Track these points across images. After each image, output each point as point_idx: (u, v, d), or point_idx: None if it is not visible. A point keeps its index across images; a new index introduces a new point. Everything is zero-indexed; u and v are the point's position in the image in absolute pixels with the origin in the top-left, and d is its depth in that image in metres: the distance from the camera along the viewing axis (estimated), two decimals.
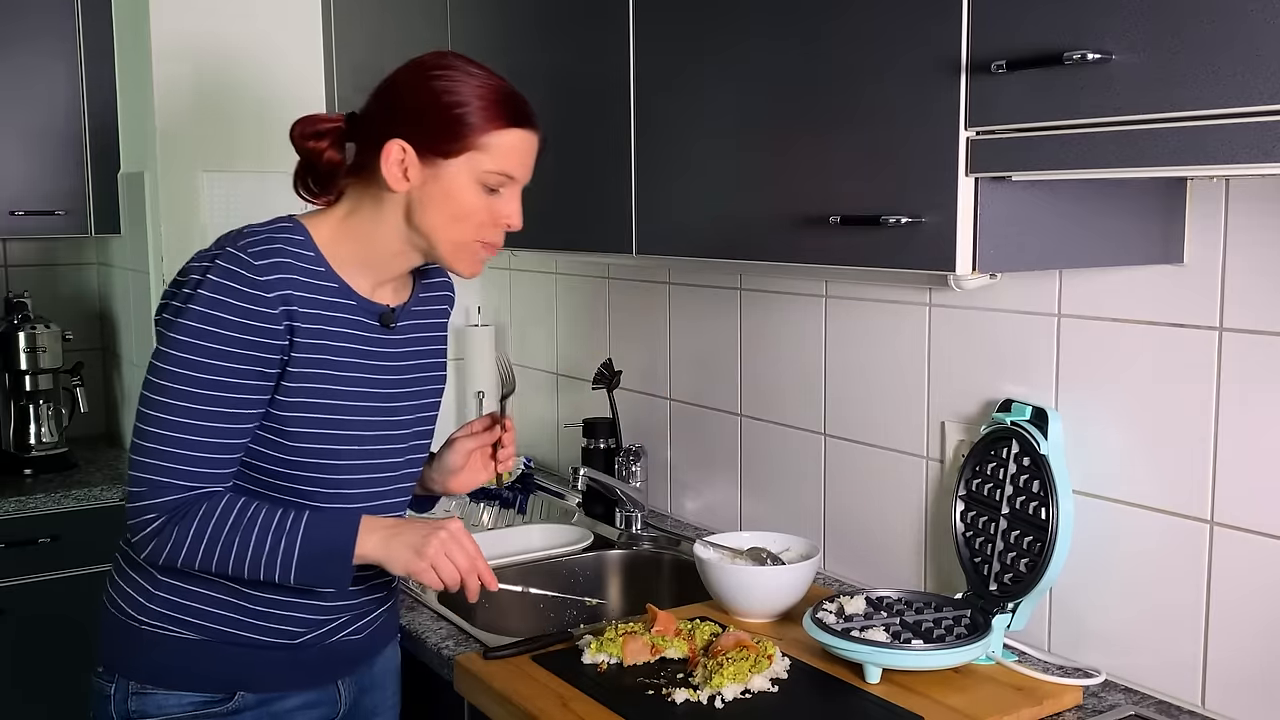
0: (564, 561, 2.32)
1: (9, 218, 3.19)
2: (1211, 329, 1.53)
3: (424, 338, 1.70)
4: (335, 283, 1.55)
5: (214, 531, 1.47)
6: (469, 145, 1.49)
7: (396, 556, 1.50)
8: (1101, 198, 1.46)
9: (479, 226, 1.53)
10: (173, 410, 1.46)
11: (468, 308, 3.17)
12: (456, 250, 1.55)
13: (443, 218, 1.52)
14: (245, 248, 1.47)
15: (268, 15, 2.97)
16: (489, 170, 1.51)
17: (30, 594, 2.93)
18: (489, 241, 1.56)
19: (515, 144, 1.52)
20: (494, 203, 1.53)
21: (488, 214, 1.53)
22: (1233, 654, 1.54)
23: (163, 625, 1.57)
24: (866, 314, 2.03)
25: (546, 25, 2.14)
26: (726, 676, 1.57)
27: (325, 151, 1.57)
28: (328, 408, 1.54)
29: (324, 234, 1.56)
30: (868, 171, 1.48)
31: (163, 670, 1.57)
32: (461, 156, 1.50)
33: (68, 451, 3.30)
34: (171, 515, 1.48)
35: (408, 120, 1.51)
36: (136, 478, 1.48)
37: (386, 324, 1.61)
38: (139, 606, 1.58)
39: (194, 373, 1.45)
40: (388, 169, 1.50)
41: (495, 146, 1.50)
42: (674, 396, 2.53)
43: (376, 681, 1.75)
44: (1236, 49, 1.07)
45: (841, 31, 1.50)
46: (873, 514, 2.06)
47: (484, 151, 1.50)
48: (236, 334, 1.45)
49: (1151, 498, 1.61)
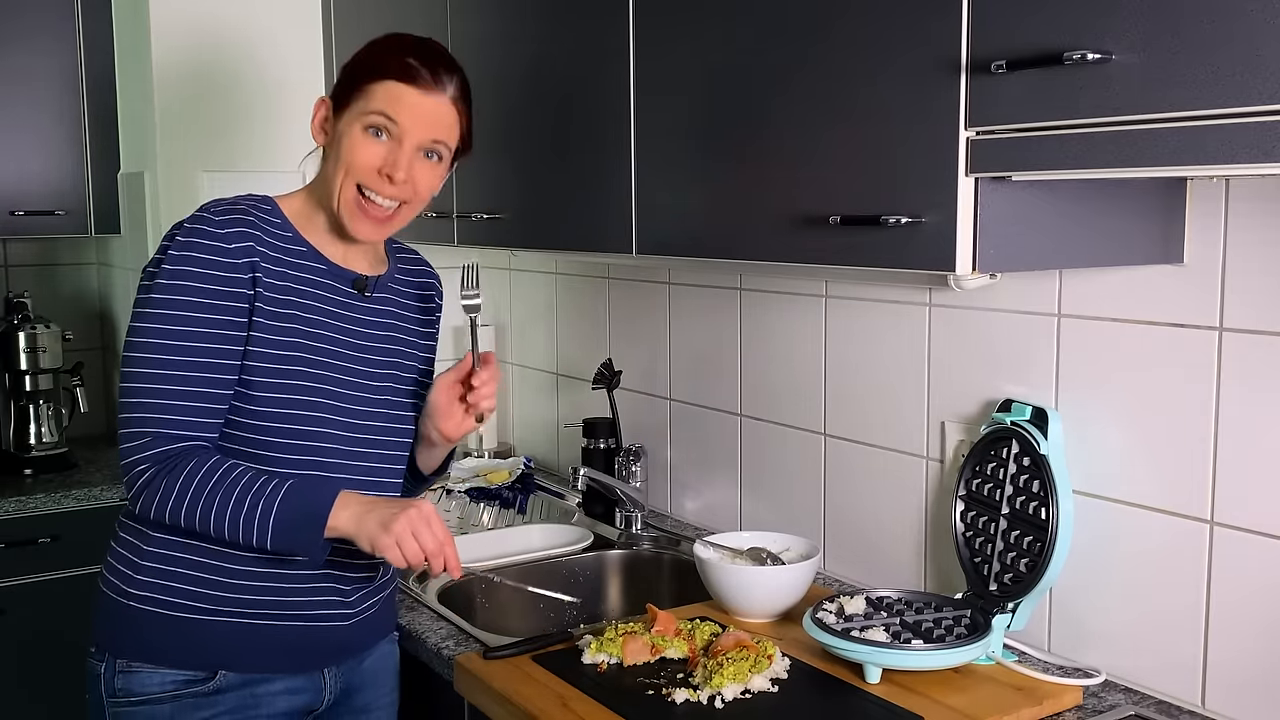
0: (564, 561, 2.32)
1: (9, 218, 3.18)
2: (1211, 329, 1.53)
3: (402, 314, 1.75)
4: (303, 246, 1.63)
5: (198, 486, 1.50)
6: (357, 94, 1.59)
7: (364, 531, 1.51)
8: (1101, 198, 1.46)
9: (362, 173, 1.58)
10: (152, 364, 1.52)
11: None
12: (346, 205, 1.60)
13: (334, 166, 1.60)
14: (209, 208, 1.58)
15: (268, 15, 2.97)
16: (369, 110, 1.57)
17: (30, 594, 2.93)
18: (369, 189, 1.59)
19: (400, 95, 1.57)
20: (375, 146, 1.58)
21: (370, 159, 1.58)
22: (1233, 654, 1.54)
23: (148, 600, 1.58)
24: (866, 314, 2.03)
25: (546, 25, 2.14)
26: (726, 676, 1.57)
27: None
28: (296, 362, 1.58)
29: (293, 205, 1.65)
30: (868, 171, 1.48)
31: (147, 647, 1.59)
32: (353, 106, 1.59)
33: (68, 451, 3.30)
34: (162, 466, 1.51)
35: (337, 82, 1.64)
36: (126, 433, 1.53)
37: (360, 289, 1.67)
38: (127, 579, 1.60)
39: (167, 325, 1.52)
40: (312, 126, 1.64)
41: (378, 94, 1.57)
42: (674, 396, 2.53)
43: (368, 679, 1.75)
44: (1236, 49, 1.07)
45: (842, 31, 1.50)
46: (873, 514, 2.06)
47: (367, 97, 1.58)
48: (202, 284, 1.52)
49: (1151, 498, 1.61)
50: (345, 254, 1.68)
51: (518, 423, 3.15)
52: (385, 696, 1.79)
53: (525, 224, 2.24)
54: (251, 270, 1.55)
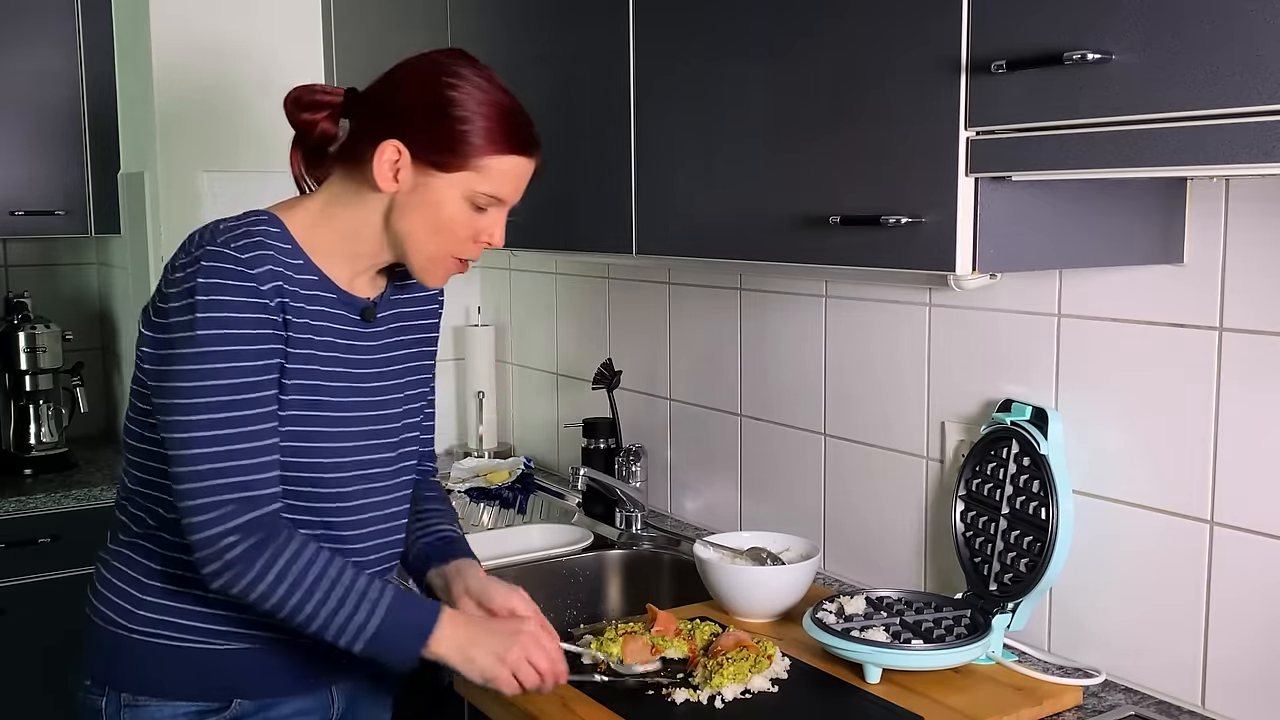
0: (564, 561, 2.32)
1: (9, 218, 3.19)
2: (1211, 329, 1.53)
3: (407, 327, 1.65)
4: (315, 275, 1.50)
5: (299, 575, 1.41)
6: (466, 164, 1.45)
7: (475, 665, 1.46)
8: (1101, 198, 1.46)
9: (458, 241, 1.50)
10: (215, 424, 1.40)
11: (468, 308, 3.17)
12: (429, 262, 1.51)
13: (423, 227, 1.48)
14: (227, 243, 1.42)
15: (268, 15, 2.97)
16: (481, 191, 1.47)
17: (30, 594, 2.93)
18: (465, 258, 1.52)
19: (512, 169, 1.48)
20: (478, 220, 1.50)
21: (469, 230, 1.49)
22: (1233, 654, 1.54)
23: (154, 632, 1.52)
24: (866, 314, 2.03)
25: (547, 25, 2.14)
26: (726, 676, 1.57)
27: (319, 124, 1.52)
28: (315, 404, 1.50)
29: (299, 224, 1.51)
30: (868, 171, 1.48)
31: (155, 680, 1.52)
32: (457, 173, 1.46)
33: (68, 451, 3.30)
34: (256, 538, 1.40)
35: (409, 121, 1.46)
36: (198, 505, 1.40)
37: (368, 319, 1.57)
38: (128, 614, 1.53)
39: (220, 380, 1.40)
40: (379, 167, 1.45)
41: (493, 170, 1.46)
42: (674, 396, 2.53)
43: (368, 691, 1.71)
44: (1236, 49, 1.07)
45: (841, 31, 1.50)
46: (873, 514, 2.06)
47: (480, 173, 1.46)
48: (245, 330, 1.41)
49: (1151, 498, 1.61)
50: (352, 278, 1.56)
51: (518, 423, 3.15)
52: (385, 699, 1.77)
53: (525, 224, 2.24)
54: (282, 311, 1.44)
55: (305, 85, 1.54)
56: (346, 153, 1.51)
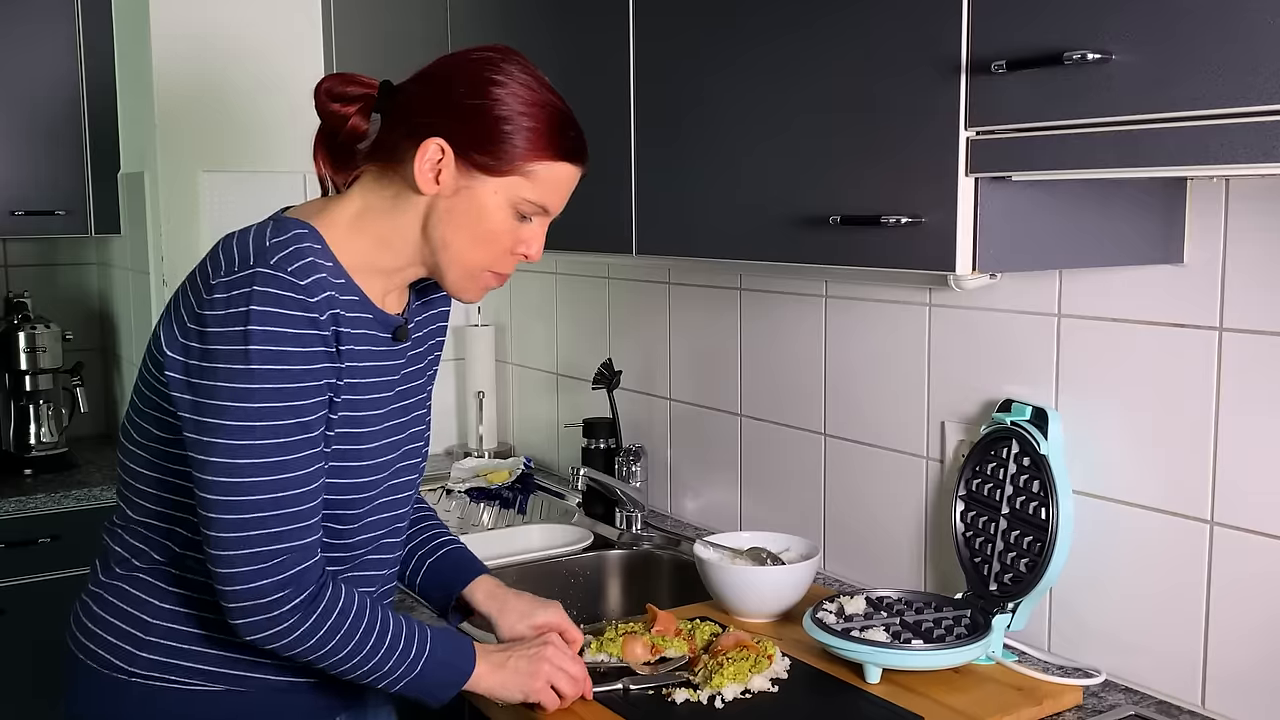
0: (564, 561, 2.32)
1: (9, 218, 3.19)
2: (1211, 329, 1.53)
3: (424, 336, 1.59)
4: (356, 295, 1.40)
5: (349, 630, 1.36)
6: (515, 169, 1.36)
7: (511, 684, 1.48)
8: (1101, 198, 1.46)
9: (499, 253, 1.41)
10: (266, 469, 1.29)
11: (467, 308, 3.17)
12: (466, 275, 1.43)
13: (464, 236, 1.39)
14: (281, 265, 1.29)
15: (268, 15, 2.97)
16: (528, 199, 1.38)
17: (30, 594, 2.93)
18: (501, 272, 1.45)
19: (562, 177, 1.41)
20: (520, 230, 1.41)
21: (510, 240, 1.41)
22: (1233, 654, 1.54)
23: (159, 676, 1.41)
24: (866, 314, 2.03)
25: (546, 25, 2.14)
26: (726, 676, 1.57)
27: (351, 118, 1.40)
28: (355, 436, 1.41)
29: (336, 236, 1.39)
30: (868, 171, 1.48)
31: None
32: (504, 178, 1.37)
33: (68, 451, 3.30)
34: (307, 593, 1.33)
35: (455, 119, 1.36)
36: (245, 555, 1.29)
37: (402, 338, 1.48)
38: (129, 657, 1.42)
39: (276, 421, 1.29)
40: (420, 167, 1.34)
41: (542, 176, 1.38)
42: (674, 396, 2.53)
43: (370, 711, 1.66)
44: (1236, 49, 1.07)
45: (841, 31, 1.50)
46: (873, 514, 2.06)
47: (529, 179, 1.37)
48: (305, 365, 1.30)
49: (1151, 498, 1.61)
50: (384, 294, 1.45)
51: (518, 423, 3.15)
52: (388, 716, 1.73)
53: None
54: (337, 341, 1.34)
55: (339, 74, 1.44)
56: (381, 151, 1.41)
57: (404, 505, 1.56)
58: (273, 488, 1.30)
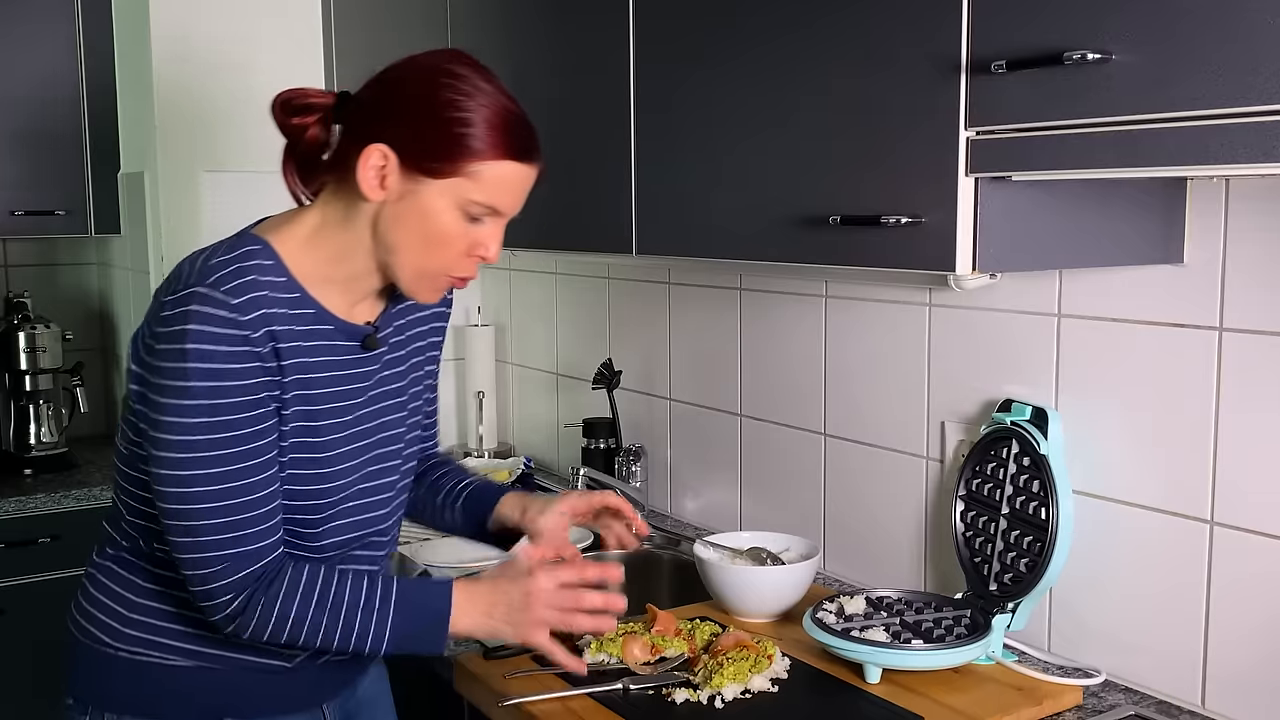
0: None
1: (9, 218, 3.19)
2: (1211, 329, 1.53)
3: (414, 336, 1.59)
4: (311, 308, 1.42)
5: (299, 611, 1.38)
6: (459, 169, 1.35)
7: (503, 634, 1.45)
8: (1101, 198, 1.46)
9: (452, 255, 1.40)
10: (210, 480, 1.35)
11: (468, 308, 3.17)
12: (419, 278, 1.42)
13: (413, 239, 1.39)
14: (217, 285, 1.34)
15: (268, 15, 2.97)
16: (475, 200, 1.37)
17: (30, 594, 2.93)
18: (459, 275, 1.43)
19: (510, 176, 1.38)
20: (473, 231, 1.39)
21: (463, 243, 1.39)
22: (1233, 654, 1.54)
23: (142, 651, 1.48)
24: (866, 314, 2.03)
25: (547, 25, 2.14)
26: (726, 676, 1.57)
27: (309, 128, 1.43)
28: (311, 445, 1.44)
29: (292, 250, 1.42)
30: (868, 171, 1.48)
31: (143, 699, 1.49)
32: (448, 179, 1.36)
33: (68, 451, 3.30)
34: (254, 588, 1.38)
35: (399, 123, 1.37)
36: (200, 559, 1.36)
37: (371, 347, 1.49)
38: (114, 632, 1.48)
39: (215, 434, 1.34)
40: (364, 174, 1.36)
41: (487, 177, 1.36)
42: (674, 396, 2.53)
43: (365, 705, 1.69)
44: (1236, 49, 1.07)
45: (841, 31, 1.50)
46: (873, 514, 2.06)
47: (474, 180, 1.36)
48: (242, 381, 1.34)
49: (1151, 498, 1.61)
50: (350, 305, 1.47)
51: (518, 423, 3.15)
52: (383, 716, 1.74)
53: (525, 224, 2.23)
54: (276, 357, 1.37)
55: (294, 88, 1.47)
56: (336, 163, 1.42)
57: (386, 505, 1.56)
58: (217, 497, 1.36)
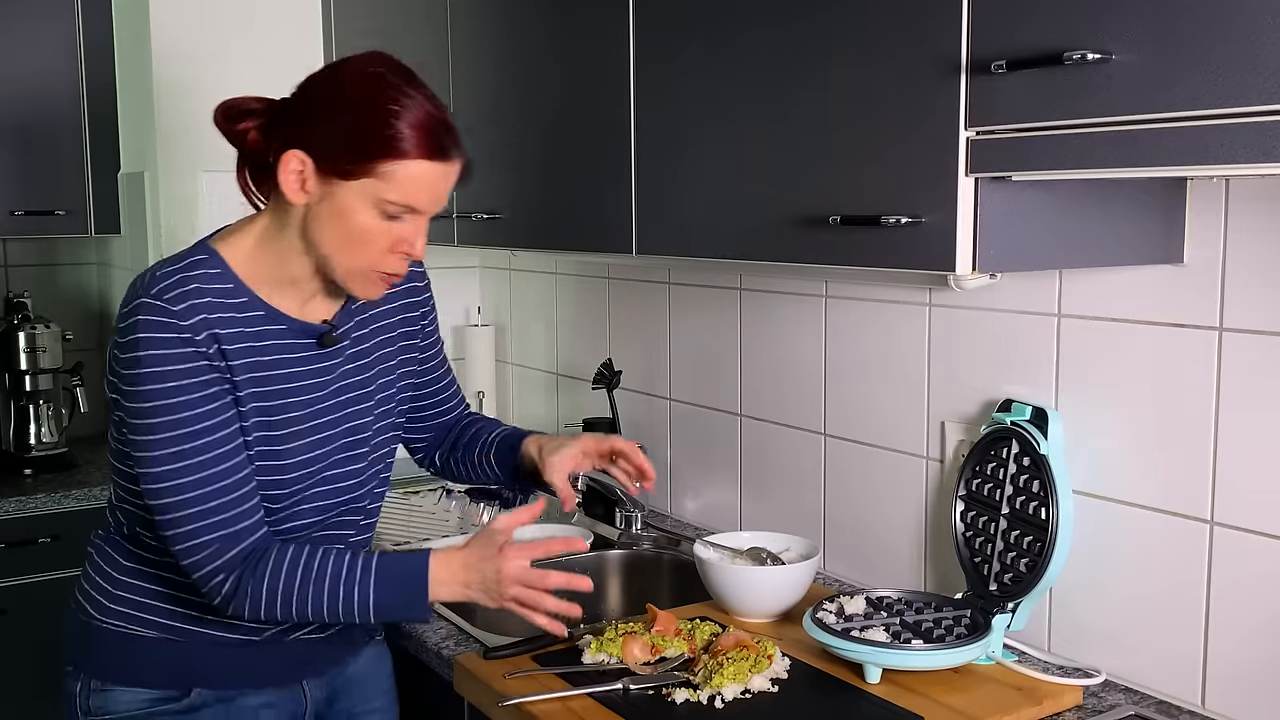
0: (564, 561, 2.32)
1: (9, 218, 3.19)
2: (1211, 329, 1.53)
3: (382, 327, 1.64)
4: (260, 310, 1.48)
5: (285, 588, 1.46)
6: (370, 170, 1.38)
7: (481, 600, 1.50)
8: (1101, 198, 1.46)
9: (376, 253, 1.43)
10: (180, 473, 1.43)
11: (468, 308, 3.17)
12: (350, 275, 1.46)
13: (336, 239, 1.43)
14: (160, 295, 1.42)
15: (268, 15, 2.97)
16: (389, 200, 1.40)
17: (30, 594, 2.93)
18: (387, 271, 1.46)
19: (422, 175, 1.40)
20: (394, 229, 1.43)
21: (385, 240, 1.43)
22: (1233, 654, 1.54)
23: (122, 624, 1.58)
24: (866, 314, 2.03)
25: (547, 25, 2.14)
26: (726, 676, 1.57)
27: (249, 133, 1.48)
28: (272, 439, 1.50)
29: (240, 257, 1.49)
30: (868, 171, 1.48)
31: (120, 667, 1.58)
32: (359, 181, 1.39)
33: (68, 451, 3.30)
34: (238, 571, 1.45)
35: (313, 128, 1.41)
36: (186, 548, 1.45)
37: (327, 344, 1.54)
38: (99, 606, 1.60)
39: (173, 431, 1.42)
40: (284, 178, 1.41)
41: (399, 176, 1.38)
42: (674, 396, 2.53)
43: (354, 684, 1.73)
44: (1236, 49, 1.07)
45: (841, 31, 1.50)
46: (873, 514, 2.05)
47: (386, 180, 1.38)
48: (193, 379, 1.42)
49: (1151, 498, 1.61)
50: (304, 304, 1.53)
51: (518, 422, 3.14)
52: (376, 700, 1.76)
53: (525, 224, 2.24)
54: (222, 358, 1.44)
55: (236, 97, 1.51)
56: (271, 167, 1.46)
57: (358, 488, 1.64)
58: (192, 487, 1.43)
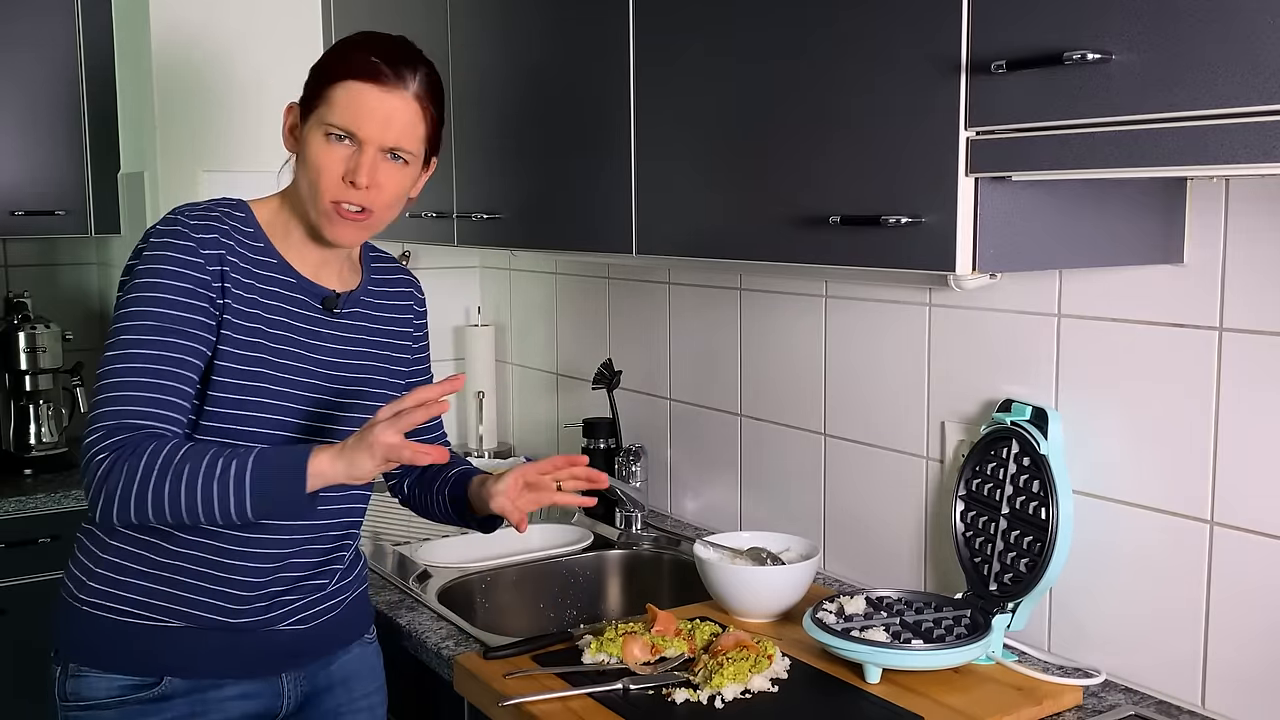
0: (564, 561, 2.32)
1: (9, 218, 3.18)
2: (1211, 329, 1.53)
3: (375, 328, 1.70)
4: (274, 258, 1.60)
5: (163, 464, 1.41)
6: (318, 98, 1.55)
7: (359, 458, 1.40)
8: (1101, 198, 1.46)
9: (331, 183, 1.54)
10: (119, 359, 1.48)
11: (468, 308, 3.17)
12: (319, 216, 1.57)
13: (304, 175, 1.57)
14: (184, 212, 1.56)
15: (268, 15, 2.97)
16: (330, 122, 1.53)
17: (30, 594, 2.93)
18: (340, 200, 1.54)
19: (355, 98, 1.53)
20: (343, 157, 1.54)
21: (336, 169, 1.54)
22: (1233, 654, 1.54)
23: (99, 606, 1.58)
24: (866, 314, 2.03)
25: (547, 25, 2.14)
26: (726, 676, 1.57)
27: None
28: (259, 378, 1.55)
29: (267, 211, 1.62)
30: (868, 171, 1.48)
31: (94, 653, 1.59)
32: (316, 112, 1.55)
33: (68, 451, 3.30)
34: (118, 453, 1.42)
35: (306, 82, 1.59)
36: (90, 428, 1.47)
37: (330, 308, 1.63)
38: (81, 586, 1.61)
39: (136, 321, 1.49)
40: (284, 132, 1.61)
41: (338, 99, 1.53)
42: (674, 396, 2.53)
43: (338, 681, 1.71)
44: (1236, 49, 1.07)
45: (842, 31, 1.50)
46: (873, 514, 2.06)
47: (329, 105, 1.54)
48: (175, 282, 1.49)
49: (1151, 498, 1.61)
50: (318, 267, 1.64)
51: (518, 423, 3.15)
52: (362, 700, 1.75)
53: (525, 224, 2.24)
54: (221, 280, 1.53)
55: None
56: None
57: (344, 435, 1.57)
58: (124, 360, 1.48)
